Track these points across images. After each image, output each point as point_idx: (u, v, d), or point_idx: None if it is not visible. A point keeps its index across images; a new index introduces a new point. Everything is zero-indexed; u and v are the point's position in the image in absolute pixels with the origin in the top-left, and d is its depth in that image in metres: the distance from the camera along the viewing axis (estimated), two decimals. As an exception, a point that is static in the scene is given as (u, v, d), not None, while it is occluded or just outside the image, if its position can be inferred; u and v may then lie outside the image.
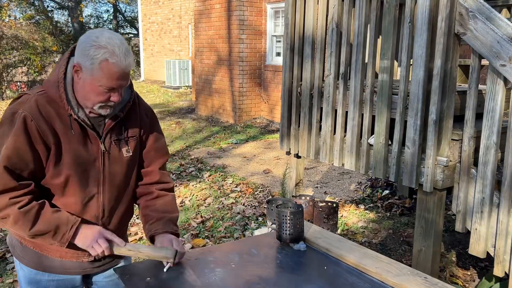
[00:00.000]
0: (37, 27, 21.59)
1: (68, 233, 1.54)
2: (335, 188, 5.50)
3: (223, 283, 1.55)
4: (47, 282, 1.70)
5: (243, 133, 8.73)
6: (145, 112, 1.75)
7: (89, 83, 1.49)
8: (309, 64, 3.52)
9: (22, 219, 1.49)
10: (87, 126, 1.56)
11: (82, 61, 1.48)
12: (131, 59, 1.52)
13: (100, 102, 1.52)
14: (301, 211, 1.84)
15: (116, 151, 1.65)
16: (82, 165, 1.58)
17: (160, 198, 1.80)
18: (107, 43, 1.46)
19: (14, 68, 19.26)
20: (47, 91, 1.53)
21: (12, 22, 20.42)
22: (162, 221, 1.73)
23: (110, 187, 1.66)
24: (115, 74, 1.47)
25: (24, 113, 1.47)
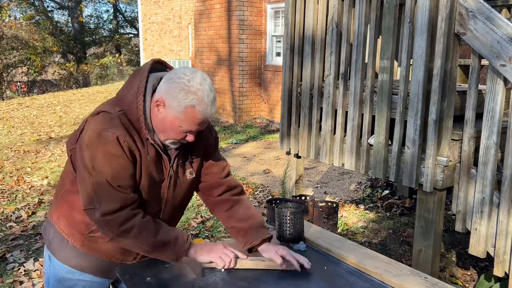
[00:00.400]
0: (37, 27, 21.59)
1: (185, 244, 1.59)
2: (335, 188, 5.50)
3: (223, 283, 1.55)
4: (76, 281, 1.70)
5: (243, 133, 8.73)
6: (209, 131, 1.76)
7: (169, 121, 1.50)
8: (309, 64, 3.52)
9: (146, 229, 1.52)
10: (160, 150, 1.58)
11: (167, 99, 1.48)
12: (216, 107, 1.53)
13: (175, 139, 1.54)
14: (301, 211, 1.84)
15: (181, 174, 1.68)
16: (152, 187, 1.60)
17: (237, 205, 1.80)
18: (197, 89, 1.46)
19: (14, 68, 19.24)
20: (126, 112, 1.52)
21: (12, 22, 20.41)
22: (254, 231, 1.73)
23: (171, 207, 1.70)
24: (198, 120, 1.49)
25: (116, 134, 1.47)
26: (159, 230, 1.56)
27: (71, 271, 1.69)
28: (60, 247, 1.69)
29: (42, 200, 5.23)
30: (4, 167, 6.82)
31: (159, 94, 1.51)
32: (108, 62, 22.07)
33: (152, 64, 1.58)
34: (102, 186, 1.48)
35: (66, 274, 1.69)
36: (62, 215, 1.67)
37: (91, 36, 25.66)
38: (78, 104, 13.04)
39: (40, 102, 13.78)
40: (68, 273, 1.69)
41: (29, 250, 3.91)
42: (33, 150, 7.93)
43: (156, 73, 1.59)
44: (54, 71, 22.53)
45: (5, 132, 9.65)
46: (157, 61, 1.62)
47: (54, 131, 9.61)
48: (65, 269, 1.69)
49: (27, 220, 4.65)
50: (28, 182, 6.05)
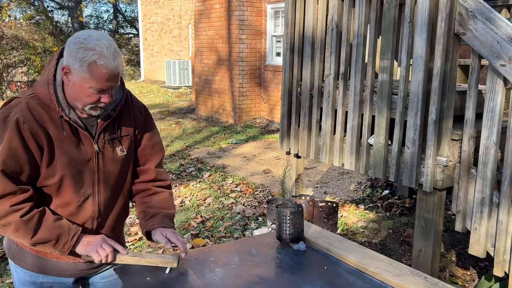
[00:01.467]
0: (37, 27, 21.59)
1: (70, 242, 1.55)
2: (335, 188, 5.50)
3: (223, 283, 1.55)
4: (41, 284, 1.70)
5: (243, 133, 8.73)
6: (138, 110, 1.74)
7: (78, 85, 1.48)
8: (309, 64, 3.52)
9: (23, 227, 1.48)
10: (79, 127, 1.56)
11: (71, 63, 1.47)
12: (120, 60, 1.50)
13: (91, 104, 1.51)
14: (301, 211, 1.84)
15: (110, 151, 1.64)
16: (76, 166, 1.57)
17: (157, 194, 1.80)
18: (95, 44, 1.45)
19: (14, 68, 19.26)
20: (38, 93, 1.52)
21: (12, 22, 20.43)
22: (158, 217, 1.72)
23: (105, 187, 1.66)
24: (104, 75, 1.47)
25: (16, 115, 1.46)
26: (39, 229, 1.50)
27: (33, 275, 1.68)
28: (17, 252, 1.68)
29: (42, 200, 5.22)
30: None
31: (64, 62, 1.50)
32: (108, 62, 22.01)
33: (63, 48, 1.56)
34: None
35: (30, 278, 1.69)
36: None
37: (91, 36, 25.61)
38: (78, 104, 13.01)
39: (40, 102, 13.74)
40: (31, 277, 1.69)
41: (29, 250, 3.91)
42: (33, 150, 7.91)
43: None
44: (54, 71, 22.48)
45: (5, 132, 9.64)
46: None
47: (54, 131, 9.59)
48: (27, 273, 1.69)
49: (27, 220, 4.64)
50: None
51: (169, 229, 1.70)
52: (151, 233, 1.70)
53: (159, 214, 1.73)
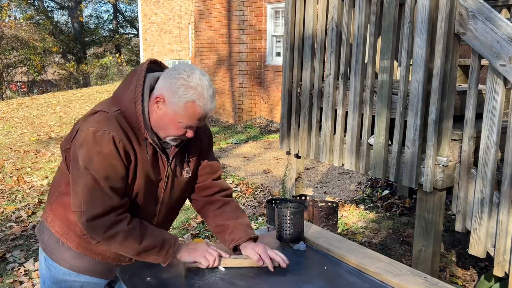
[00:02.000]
0: (37, 27, 21.59)
1: (173, 248, 1.58)
2: (335, 188, 5.50)
3: (223, 283, 1.55)
4: (72, 282, 1.70)
5: (243, 133, 8.73)
6: (204, 132, 1.77)
7: (170, 117, 1.50)
8: (309, 64, 3.52)
9: (131, 235, 1.52)
10: (159, 149, 1.58)
11: (167, 95, 1.48)
12: (216, 103, 1.53)
13: (175, 136, 1.54)
14: (301, 211, 1.84)
15: (179, 173, 1.68)
16: (149, 186, 1.60)
17: (227, 205, 1.82)
18: (197, 84, 1.47)
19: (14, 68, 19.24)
20: (124, 111, 1.52)
21: (12, 22, 20.41)
22: (240, 229, 1.73)
23: (167, 206, 1.71)
24: (198, 115, 1.50)
25: (112, 134, 1.47)
26: (145, 236, 1.54)
27: (67, 273, 1.69)
28: (55, 249, 1.68)
29: (42, 200, 5.23)
30: (4, 167, 6.82)
31: (158, 91, 1.51)
32: (108, 62, 22.07)
33: (148, 64, 1.59)
34: (92, 187, 1.47)
35: (62, 276, 1.69)
36: (57, 216, 1.66)
37: (91, 36, 25.67)
38: (78, 104, 13.04)
39: (40, 102, 13.78)
40: (64, 275, 1.69)
41: (29, 250, 3.91)
42: (33, 150, 7.93)
43: (152, 73, 1.60)
44: (54, 71, 22.53)
45: (5, 132, 9.66)
46: (153, 61, 1.62)
47: (54, 131, 9.61)
48: (60, 270, 1.69)
49: (27, 220, 4.65)
50: (28, 182, 6.05)
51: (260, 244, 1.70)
52: (239, 247, 1.72)
53: (240, 227, 1.74)
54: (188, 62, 14.20)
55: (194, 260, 1.62)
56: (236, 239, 1.71)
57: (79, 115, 11.33)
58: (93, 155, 1.46)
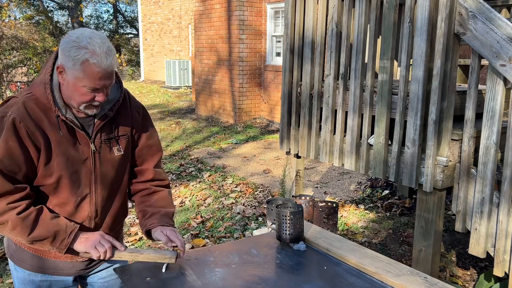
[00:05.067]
0: (37, 27, 21.58)
1: (67, 239, 1.55)
2: (335, 188, 5.50)
3: (223, 283, 1.55)
4: (40, 282, 1.70)
5: (243, 133, 8.73)
6: (136, 110, 1.74)
7: (72, 84, 1.48)
8: (309, 64, 3.52)
9: (20, 225, 1.48)
10: (75, 127, 1.56)
11: (64, 62, 1.47)
12: (114, 58, 1.49)
13: (85, 103, 1.51)
14: (301, 211, 1.84)
15: (107, 151, 1.64)
16: (73, 165, 1.57)
17: (156, 193, 1.80)
18: (87, 43, 1.44)
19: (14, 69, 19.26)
20: (35, 93, 1.52)
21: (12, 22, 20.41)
22: (158, 215, 1.72)
23: (102, 186, 1.66)
24: (97, 74, 1.46)
25: (13, 115, 1.46)
26: (36, 227, 1.50)
27: (32, 274, 1.69)
28: (16, 252, 1.69)
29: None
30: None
31: (59, 61, 1.50)
32: (108, 62, 22.02)
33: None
34: None
35: (29, 277, 1.69)
36: None
37: (91, 36, 25.63)
38: (78, 104, 13.02)
39: (40, 102, 13.74)
40: (30, 276, 1.69)
41: (29, 250, 3.91)
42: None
43: None
44: (54, 71, 22.51)
45: (5, 132, 9.64)
46: None
47: (54, 131, 9.59)
48: (26, 272, 1.69)
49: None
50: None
51: (169, 227, 1.70)
52: (151, 231, 1.70)
53: (159, 213, 1.73)
54: (188, 62, 14.21)
55: (85, 250, 1.58)
56: (149, 223, 1.70)
57: (79, 115, 11.31)
58: None
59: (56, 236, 1.53)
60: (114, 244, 1.60)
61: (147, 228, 1.71)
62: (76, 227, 1.57)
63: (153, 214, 1.73)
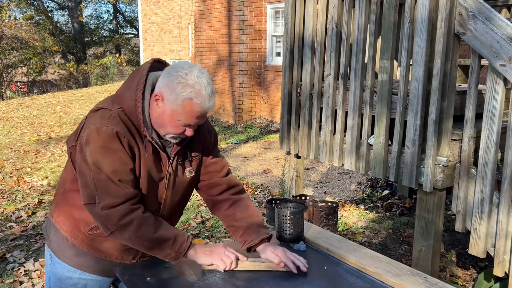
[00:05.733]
0: (37, 27, 21.58)
1: (185, 243, 1.58)
2: (335, 188, 5.50)
3: (223, 283, 1.55)
4: (77, 279, 1.70)
5: (243, 133, 8.73)
6: (208, 131, 1.77)
7: (168, 115, 1.50)
8: (309, 64, 3.52)
9: (145, 223, 1.52)
10: (159, 148, 1.58)
11: (165, 93, 1.49)
12: (214, 101, 1.53)
13: (174, 134, 1.55)
14: (301, 211, 1.84)
15: (181, 172, 1.68)
16: (151, 184, 1.60)
17: (237, 204, 1.79)
18: (195, 82, 1.47)
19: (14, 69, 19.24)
20: (125, 109, 1.53)
21: (12, 22, 20.41)
22: (253, 230, 1.72)
23: (170, 205, 1.70)
24: (196, 113, 1.50)
25: (116, 129, 1.48)
26: (159, 227, 1.55)
27: (72, 270, 1.69)
28: (61, 246, 1.69)
29: (42, 200, 5.23)
30: (4, 167, 6.82)
31: (158, 88, 1.52)
32: (108, 62, 22.07)
33: (151, 63, 1.60)
34: (102, 180, 1.48)
35: (67, 273, 1.70)
36: (62, 213, 1.67)
37: (91, 36, 25.67)
38: (78, 104, 13.04)
39: (40, 102, 13.78)
40: (68, 272, 1.70)
41: (29, 250, 3.91)
42: (33, 150, 7.93)
43: (155, 71, 1.60)
44: (54, 71, 22.54)
45: (5, 132, 9.65)
46: (157, 60, 1.63)
47: (54, 131, 9.61)
48: (65, 267, 1.69)
49: (27, 220, 4.65)
50: (28, 182, 6.05)
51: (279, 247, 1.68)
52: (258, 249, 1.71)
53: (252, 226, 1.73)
54: (188, 61, 14.20)
55: (211, 262, 1.62)
56: (248, 240, 1.70)
57: (79, 115, 11.34)
58: (100, 151, 1.47)
59: (176, 238, 1.57)
60: (237, 255, 1.65)
61: (249, 245, 1.71)
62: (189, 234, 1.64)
63: (247, 228, 1.72)
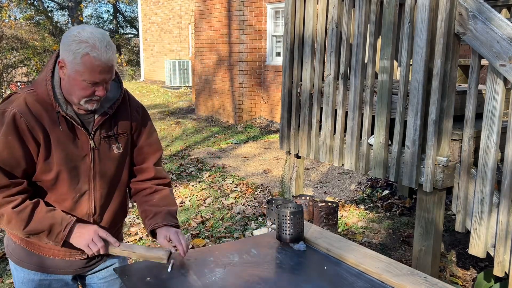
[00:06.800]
0: (37, 27, 21.57)
1: (63, 232, 1.55)
2: (335, 188, 5.50)
3: (223, 283, 1.55)
4: (39, 281, 1.70)
5: (243, 133, 8.73)
6: (135, 109, 1.76)
7: (72, 78, 1.50)
8: (309, 64, 3.52)
9: (15, 218, 1.49)
10: (75, 123, 1.57)
11: (65, 57, 1.49)
12: (113, 52, 1.52)
13: (85, 97, 1.53)
14: (301, 211, 1.84)
15: (106, 148, 1.66)
16: (72, 161, 1.59)
17: (157, 192, 1.80)
18: (88, 37, 1.47)
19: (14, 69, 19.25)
20: (36, 89, 1.55)
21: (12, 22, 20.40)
22: (161, 215, 1.73)
23: (101, 183, 1.67)
24: (97, 67, 1.48)
25: (13, 110, 1.49)
26: (32, 220, 1.51)
27: (31, 273, 1.69)
28: (15, 251, 1.69)
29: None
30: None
31: (60, 56, 1.52)
32: (108, 62, 22.03)
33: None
34: None
35: (28, 276, 1.70)
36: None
37: (91, 36, 25.63)
38: (78, 104, 13.02)
39: (40, 102, 13.75)
40: (29, 275, 1.70)
41: (29, 250, 3.90)
42: (33, 150, 7.92)
43: None
44: (54, 71, 22.51)
45: (5, 132, 9.64)
46: None
47: (54, 131, 9.59)
48: (25, 272, 1.69)
49: (27, 220, 4.64)
50: (28, 182, 6.04)
51: (173, 228, 1.70)
52: (156, 231, 1.71)
53: (162, 212, 1.73)
54: (188, 62, 14.21)
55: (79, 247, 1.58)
56: (153, 223, 1.70)
57: (79, 115, 11.31)
58: None
59: (52, 229, 1.54)
60: (108, 240, 1.60)
61: (151, 228, 1.71)
62: (72, 220, 1.58)
63: (156, 213, 1.73)
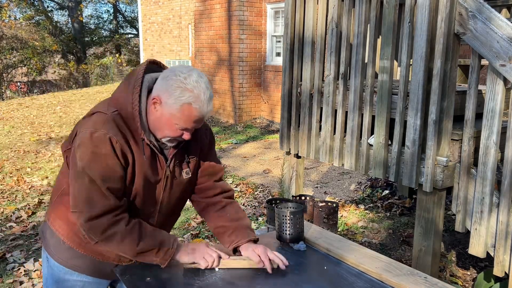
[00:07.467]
0: (37, 27, 21.58)
1: (172, 249, 1.59)
2: (335, 188, 5.50)
3: (223, 283, 1.55)
4: (74, 282, 1.70)
5: (243, 133, 8.73)
6: (204, 132, 1.77)
7: (166, 118, 1.50)
8: (309, 64, 3.52)
9: (129, 236, 1.52)
10: (156, 150, 1.58)
11: (163, 97, 1.48)
12: (212, 105, 1.53)
13: (171, 137, 1.55)
14: (301, 211, 1.84)
15: (178, 174, 1.68)
16: (148, 187, 1.60)
17: (228, 206, 1.81)
18: (193, 87, 1.47)
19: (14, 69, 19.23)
20: (120, 111, 1.52)
21: (12, 22, 20.41)
22: (242, 231, 1.74)
23: (166, 207, 1.71)
24: (194, 117, 1.50)
25: (109, 134, 1.47)
26: (143, 237, 1.55)
27: (69, 272, 1.69)
28: (57, 248, 1.69)
29: (42, 200, 5.23)
30: (4, 167, 6.82)
31: (156, 92, 1.52)
32: (108, 62, 22.07)
33: (147, 65, 1.59)
34: (89, 188, 1.48)
35: (64, 275, 1.69)
36: (58, 216, 1.67)
37: (91, 36, 25.66)
38: (78, 104, 13.04)
39: (40, 102, 13.78)
40: (65, 274, 1.69)
41: (29, 250, 3.91)
42: (33, 150, 7.93)
43: (151, 73, 1.60)
44: (54, 71, 22.54)
45: (5, 132, 9.65)
46: (153, 61, 1.62)
47: (54, 131, 9.61)
48: (62, 270, 1.69)
49: (27, 220, 4.65)
50: (28, 182, 6.05)
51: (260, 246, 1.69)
52: (239, 248, 1.72)
53: (241, 228, 1.74)
54: (188, 62, 14.21)
55: (193, 261, 1.62)
56: (235, 240, 1.71)
57: (79, 115, 11.34)
58: (91, 156, 1.46)
59: (161, 246, 1.57)
60: (220, 254, 1.66)
61: (235, 245, 1.72)
62: (177, 237, 1.62)
63: (236, 229, 1.74)
